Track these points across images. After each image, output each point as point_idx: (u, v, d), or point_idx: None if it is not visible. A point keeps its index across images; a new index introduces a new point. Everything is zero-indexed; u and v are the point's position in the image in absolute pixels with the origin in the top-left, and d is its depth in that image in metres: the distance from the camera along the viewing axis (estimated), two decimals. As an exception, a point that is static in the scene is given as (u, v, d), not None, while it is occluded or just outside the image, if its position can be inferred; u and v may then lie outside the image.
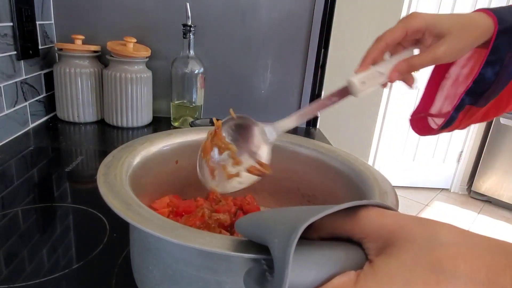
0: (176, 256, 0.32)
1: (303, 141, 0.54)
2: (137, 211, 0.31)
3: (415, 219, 0.23)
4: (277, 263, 0.22)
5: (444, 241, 0.21)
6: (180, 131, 0.53)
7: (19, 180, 0.66)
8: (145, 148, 0.46)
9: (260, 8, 1.01)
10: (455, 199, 2.83)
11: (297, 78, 1.08)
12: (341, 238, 0.25)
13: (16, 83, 0.83)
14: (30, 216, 0.55)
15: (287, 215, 0.25)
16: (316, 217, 0.22)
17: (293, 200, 0.54)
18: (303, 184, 0.53)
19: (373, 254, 0.23)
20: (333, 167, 0.49)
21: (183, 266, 0.32)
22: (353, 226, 0.24)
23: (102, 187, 0.34)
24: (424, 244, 0.21)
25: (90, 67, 0.94)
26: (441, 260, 0.20)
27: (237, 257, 0.29)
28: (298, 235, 0.21)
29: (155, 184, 0.47)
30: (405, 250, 0.21)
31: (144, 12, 0.99)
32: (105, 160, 0.40)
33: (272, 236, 0.23)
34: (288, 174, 0.54)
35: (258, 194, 0.55)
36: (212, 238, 0.28)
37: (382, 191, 0.40)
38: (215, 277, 0.31)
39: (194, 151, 0.48)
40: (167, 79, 0.99)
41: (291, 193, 0.54)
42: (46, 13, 0.95)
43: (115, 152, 0.43)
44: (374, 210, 0.24)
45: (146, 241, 0.34)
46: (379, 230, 0.23)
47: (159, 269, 0.33)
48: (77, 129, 0.95)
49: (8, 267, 0.44)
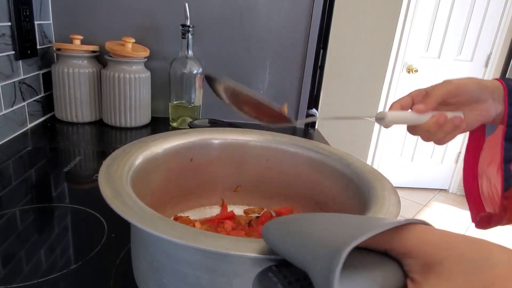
0: (181, 257, 0.32)
1: (319, 147, 0.54)
2: (140, 212, 0.31)
3: (465, 238, 0.21)
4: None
5: (497, 262, 0.19)
6: (180, 132, 0.53)
7: (17, 180, 0.66)
8: (144, 151, 0.46)
9: (259, 9, 1.01)
10: (453, 199, 2.83)
11: (296, 78, 1.08)
12: (376, 250, 0.23)
13: (14, 83, 0.83)
14: (28, 216, 0.55)
15: (326, 230, 0.23)
16: (360, 239, 0.21)
17: (307, 206, 0.54)
18: (316, 191, 0.53)
19: (415, 272, 0.21)
20: (346, 176, 0.48)
21: (187, 266, 0.32)
22: (393, 240, 0.22)
23: (104, 189, 0.34)
24: (477, 265, 0.19)
25: (88, 67, 0.94)
26: (495, 282, 0.19)
27: (243, 257, 0.29)
28: (341, 263, 0.20)
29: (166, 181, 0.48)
30: (455, 271, 0.20)
31: (143, 12, 0.99)
32: (105, 162, 0.40)
33: (313, 261, 0.21)
34: (302, 180, 0.54)
35: (272, 199, 0.56)
36: (218, 238, 0.28)
37: (384, 191, 0.40)
38: (221, 277, 0.31)
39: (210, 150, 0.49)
40: (165, 79, 0.99)
41: (304, 199, 0.54)
42: (45, 13, 0.95)
43: (115, 153, 0.43)
44: (418, 226, 0.22)
45: (150, 242, 0.34)
46: (424, 246, 0.21)
47: (161, 270, 0.33)
48: (75, 129, 0.94)
49: (6, 268, 0.43)
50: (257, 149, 0.54)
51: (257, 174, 0.55)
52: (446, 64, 2.54)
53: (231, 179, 0.55)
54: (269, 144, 0.54)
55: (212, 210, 0.55)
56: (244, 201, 0.56)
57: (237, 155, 0.54)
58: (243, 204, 0.56)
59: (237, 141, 0.54)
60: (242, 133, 0.54)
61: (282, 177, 0.54)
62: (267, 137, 0.54)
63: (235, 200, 0.56)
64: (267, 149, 0.54)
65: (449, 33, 2.46)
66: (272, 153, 0.54)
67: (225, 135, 0.54)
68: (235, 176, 0.55)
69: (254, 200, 0.56)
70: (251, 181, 0.55)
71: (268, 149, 0.54)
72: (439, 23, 2.43)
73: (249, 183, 0.55)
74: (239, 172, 0.55)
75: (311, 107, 1.13)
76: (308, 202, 0.53)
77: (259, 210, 0.56)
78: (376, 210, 0.38)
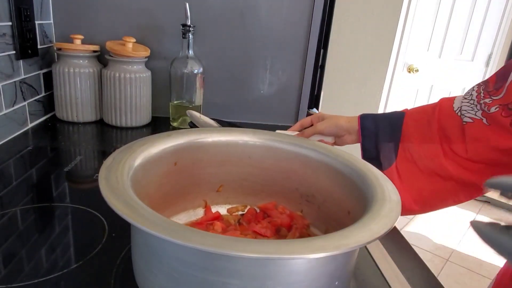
0: (181, 257, 0.32)
1: (302, 140, 0.54)
2: (142, 213, 0.31)
3: None
4: None
5: None
6: (180, 132, 0.53)
7: (17, 180, 0.66)
8: (146, 149, 0.46)
9: (259, 8, 1.01)
10: (454, 199, 2.83)
11: (297, 78, 1.08)
12: None
13: (15, 82, 0.83)
14: (29, 216, 0.55)
15: None
16: None
17: (292, 200, 0.54)
18: (302, 184, 0.53)
19: None
20: (334, 167, 0.49)
21: (187, 267, 0.32)
22: None
23: (104, 190, 0.34)
24: None
25: (89, 67, 0.94)
26: None
27: (242, 258, 0.29)
28: None
29: (157, 185, 0.47)
30: None
31: (143, 12, 0.99)
32: (105, 162, 0.40)
33: None
34: (287, 175, 0.54)
35: (256, 196, 0.55)
36: (218, 238, 0.28)
37: (384, 191, 0.40)
38: (221, 278, 0.31)
39: (194, 152, 0.48)
40: (166, 79, 0.99)
41: (290, 193, 0.54)
42: (45, 12, 0.95)
43: (115, 154, 0.43)
44: None
45: (150, 243, 0.34)
46: None
47: (163, 272, 0.33)
48: (76, 129, 0.94)
49: (6, 267, 0.44)
50: (239, 147, 0.53)
51: (239, 172, 0.54)
52: (446, 63, 2.54)
53: (214, 179, 0.54)
54: (252, 142, 0.53)
55: (196, 213, 0.54)
56: (227, 200, 0.56)
57: (220, 155, 0.53)
58: (226, 204, 0.56)
59: (220, 141, 0.53)
60: (224, 133, 0.54)
61: (265, 173, 0.54)
62: (248, 135, 0.54)
63: (218, 200, 0.55)
64: (250, 146, 0.53)
65: (450, 32, 2.46)
66: (255, 150, 0.53)
67: (207, 136, 0.53)
68: (218, 176, 0.54)
69: (237, 198, 0.56)
70: (234, 180, 0.55)
71: (251, 146, 0.53)
72: (440, 23, 2.43)
73: (232, 182, 0.55)
74: (222, 172, 0.54)
75: (312, 106, 1.13)
76: (294, 195, 0.54)
77: (243, 208, 0.55)
78: (377, 197, 0.38)
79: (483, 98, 0.55)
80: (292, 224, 0.50)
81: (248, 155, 0.54)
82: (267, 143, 0.54)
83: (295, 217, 0.51)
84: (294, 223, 0.50)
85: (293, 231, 0.49)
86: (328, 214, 0.50)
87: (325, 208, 0.51)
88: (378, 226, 0.32)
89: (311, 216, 0.52)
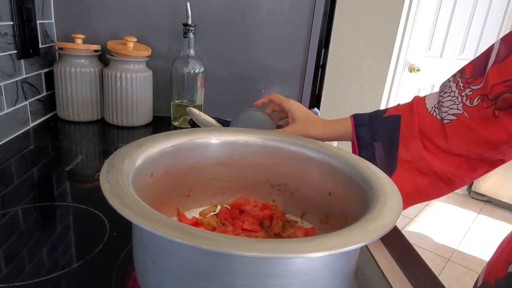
0: (183, 257, 0.32)
1: (272, 134, 0.55)
2: (144, 212, 0.31)
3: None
4: None
5: None
6: (181, 132, 0.53)
7: (19, 179, 0.66)
8: (147, 149, 0.45)
9: (260, 8, 1.01)
10: (455, 199, 2.83)
11: (297, 78, 1.08)
12: None
13: (16, 82, 0.83)
14: (30, 215, 0.55)
15: None
16: None
17: (262, 192, 0.55)
18: (272, 175, 0.54)
19: None
20: (305, 154, 0.51)
21: (190, 267, 0.32)
22: None
23: (106, 190, 0.34)
24: None
25: (90, 66, 0.94)
26: None
27: (246, 257, 0.29)
28: None
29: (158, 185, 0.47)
30: None
31: (144, 12, 0.99)
32: (106, 163, 0.40)
33: None
34: (255, 168, 0.54)
35: (224, 194, 0.55)
36: (219, 238, 0.28)
37: (384, 190, 0.40)
38: (223, 277, 0.31)
39: (166, 160, 0.47)
40: (167, 78, 0.99)
41: (259, 185, 0.55)
42: (47, 12, 0.95)
43: (115, 154, 0.42)
44: None
45: (151, 242, 0.34)
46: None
47: (165, 271, 0.33)
48: (77, 128, 0.95)
49: (8, 266, 0.44)
50: (207, 147, 0.52)
51: (207, 172, 0.53)
52: (448, 63, 2.53)
53: (184, 184, 0.53)
54: (218, 141, 0.53)
55: None
56: (198, 203, 0.55)
57: (189, 159, 0.51)
58: (198, 207, 0.55)
59: (188, 145, 0.51)
60: (191, 135, 0.52)
61: (233, 170, 0.54)
62: (213, 133, 0.53)
63: (190, 205, 0.54)
64: (216, 145, 0.53)
65: (451, 32, 2.46)
66: (221, 148, 0.53)
67: (178, 140, 0.50)
68: (187, 180, 0.53)
69: (207, 200, 0.55)
70: (203, 181, 0.54)
71: (217, 145, 0.53)
72: (441, 22, 2.43)
73: (201, 183, 0.54)
74: (191, 176, 0.52)
75: (313, 106, 1.13)
76: (264, 187, 0.55)
77: (213, 209, 0.55)
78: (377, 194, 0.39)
79: (463, 90, 0.54)
80: (273, 215, 0.51)
81: (215, 154, 0.53)
82: (232, 140, 0.53)
83: (270, 208, 0.52)
84: (273, 213, 0.51)
85: (276, 220, 0.50)
86: (303, 199, 0.53)
87: (300, 194, 0.53)
88: (378, 225, 0.32)
89: (283, 203, 0.55)
